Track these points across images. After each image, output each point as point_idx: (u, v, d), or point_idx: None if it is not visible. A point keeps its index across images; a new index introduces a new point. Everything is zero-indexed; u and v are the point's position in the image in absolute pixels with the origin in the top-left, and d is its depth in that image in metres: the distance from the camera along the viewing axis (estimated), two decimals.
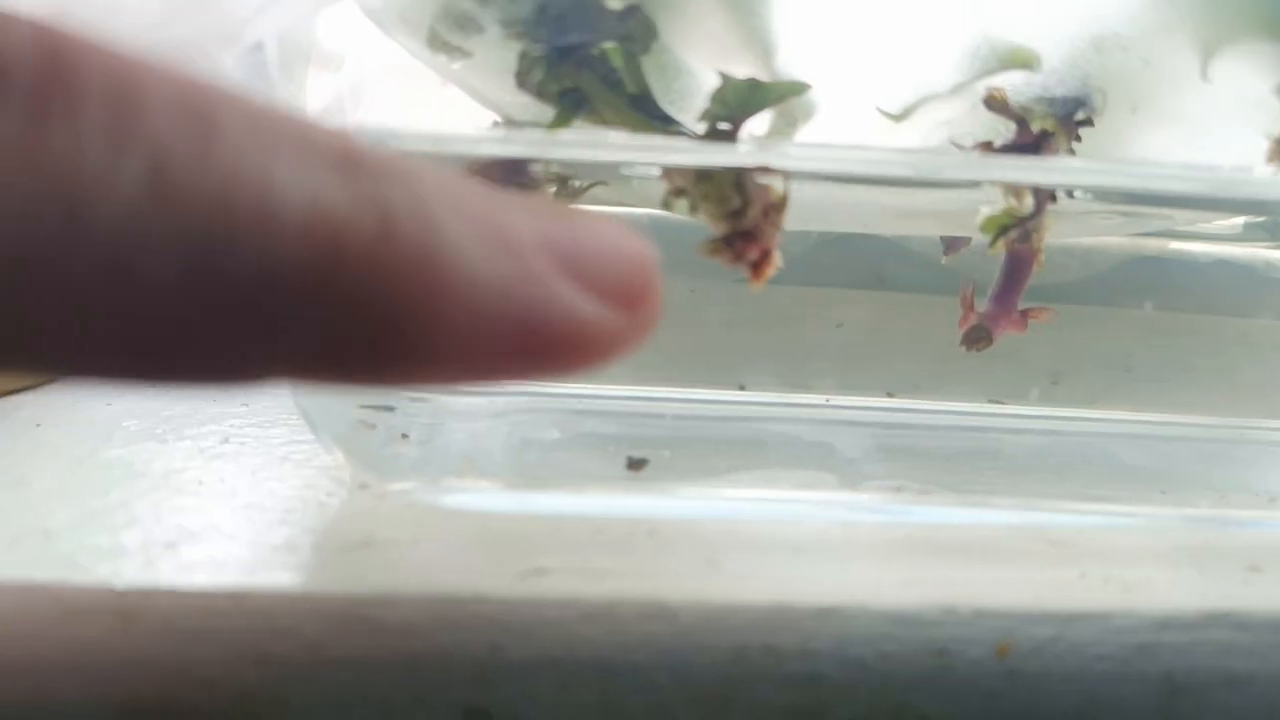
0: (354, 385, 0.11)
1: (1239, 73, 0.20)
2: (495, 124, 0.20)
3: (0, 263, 0.08)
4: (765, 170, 0.18)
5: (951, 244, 0.26)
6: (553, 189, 0.21)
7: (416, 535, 0.18)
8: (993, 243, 0.20)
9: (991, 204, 0.20)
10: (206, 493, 0.20)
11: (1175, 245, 0.28)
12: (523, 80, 0.18)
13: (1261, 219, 0.26)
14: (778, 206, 0.19)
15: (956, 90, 0.20)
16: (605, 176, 0.21)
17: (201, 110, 0.09)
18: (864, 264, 0.27)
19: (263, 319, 0.09)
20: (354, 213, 0.09)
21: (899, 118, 0.21)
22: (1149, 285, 0.27)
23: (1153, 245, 0.28)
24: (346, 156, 0.10)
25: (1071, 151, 0.21)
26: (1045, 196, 0.20)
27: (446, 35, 0.19)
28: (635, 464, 0.21)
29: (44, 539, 0.17)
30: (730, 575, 0.17)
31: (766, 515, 0.20)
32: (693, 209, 0.19)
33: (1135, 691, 0.17)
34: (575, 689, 0.16)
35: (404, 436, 0.21)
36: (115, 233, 0.09)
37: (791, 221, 0.20)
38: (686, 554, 0.18)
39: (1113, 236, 0.27)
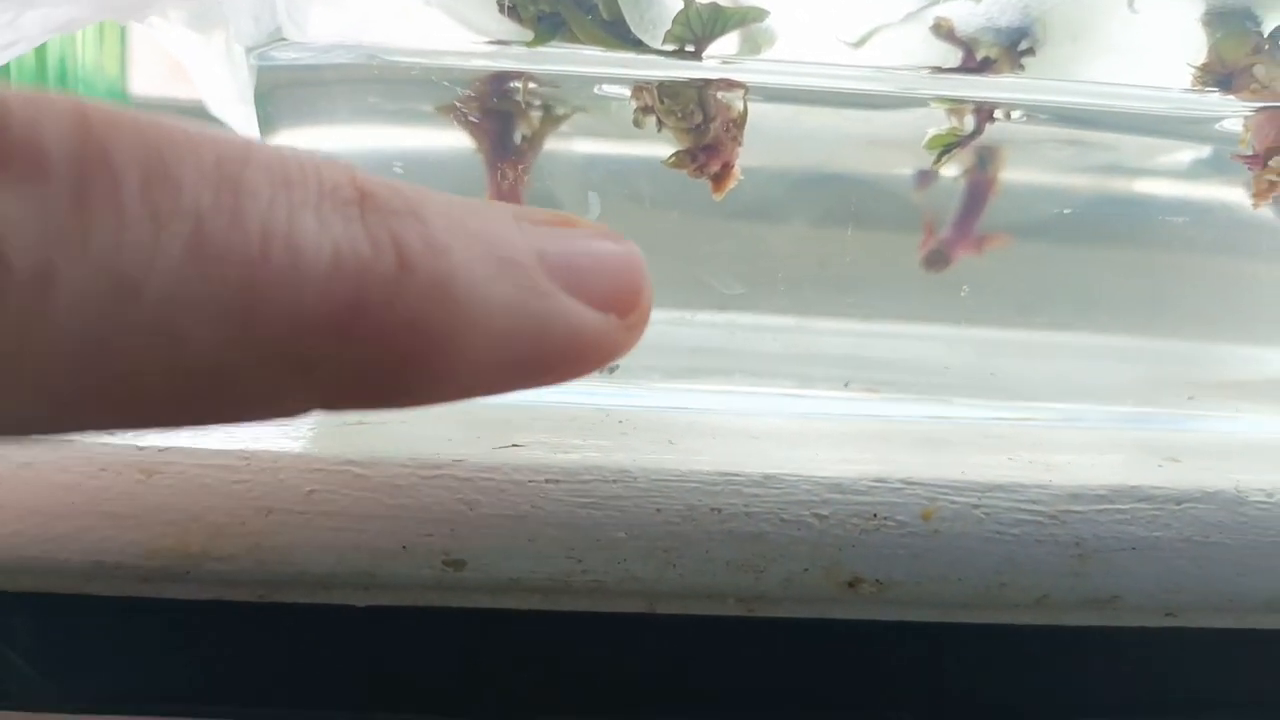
0: (385, 409, 0.11)
1: (1165, 4, 0.21)
2: (484, 42, 0.22)
3: (61, 341, 0.09)
4: (726, 85, 0.20)
5: (922, 179, 0.28)
6: (537, 115, 0.23)
7: (405, 416, 0.20)
8: (937, 159, 0.22)
9: (937, 126, 0.22)
10: None
11: (1137, 184, 0.30)
12: (503, 4, 0.20)
13: (1205, 154, 0.27)
14: (738, 122, 0.21)
15: (907, 19, 0.22)
16: (583, 101, 0.23)
17: (229, 172, 0.10)
18: (841, 202, 0.29)
19: (297, 362, 0.10)
20: (373, 253, 0.10)
21: (855, 45, 0.22)
22: (1112, 220, 0.29)
23: (1116, 184, 0.30)
24: (360, 195, 0.10)
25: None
26: (985, 116, 0.21)
27: None
28: (608, 368, 0.23)
29: None
30: (686, 451, 0.19)
31: (725, 407, 0.22)
32: (659, 125, 0.21)
33: (1049, 553, 0.18)
34: (542, 542, 0.18)
35: None
36: (160, 300, 0.09)
37: (763, 155, 0.22)
38: (649, 436, 0.20)
39: (1073, 174, 0.29)
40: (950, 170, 0.24)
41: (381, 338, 0.10)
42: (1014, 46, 0.22)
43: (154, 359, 0.09)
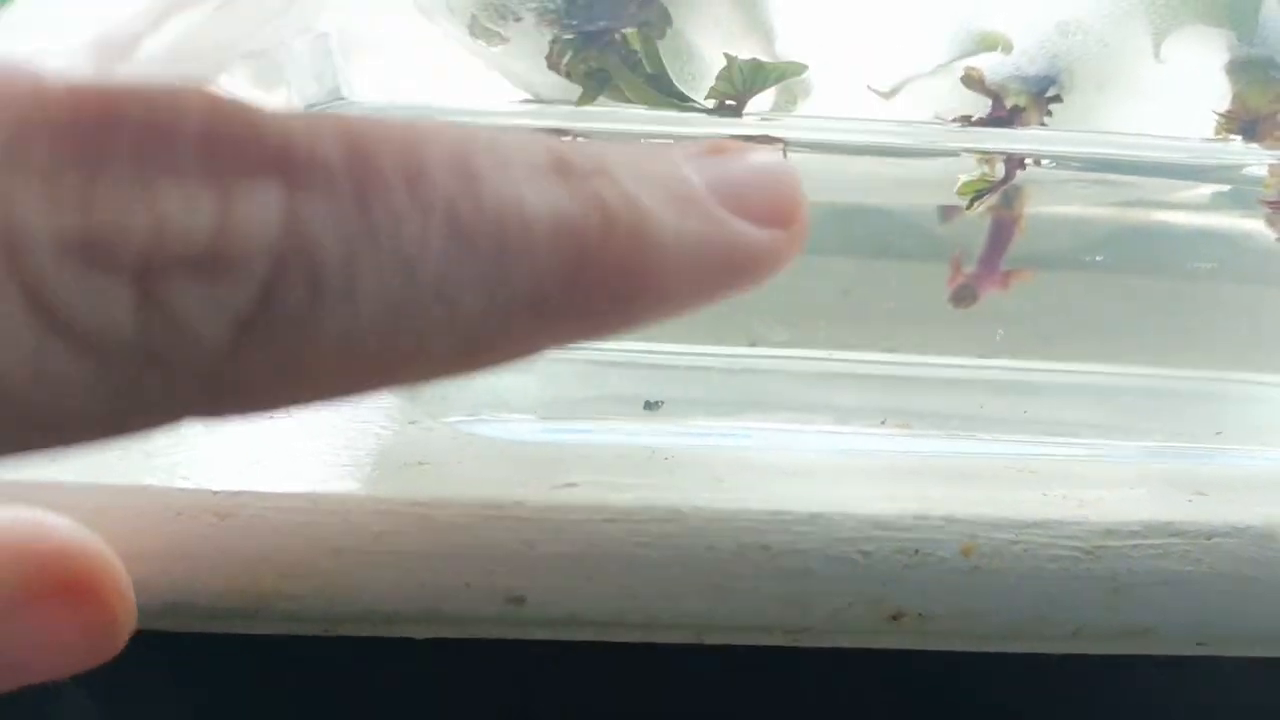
0: (604, 337, 0.13)
1: (1190, 54, 0.22)
2: (527, 100, 0.23)
3: (369, 319, 0.11)
4: (766, 140, 0.21)
5: (947, 213, 0.28)
6: None
7: (462, 458, 0.21)
8: (969, 205, 0.23)
9: (968, 172, 0.23)
10: (276, 427, 0.23)
11: (1159, 216, 0.31)
12: (553, 62, 0.21)
13: (1225, 188, 0.28)
14: None
15: (938, 70, 0.23)
16: None
17: (461, 161, 0.11)
18: (869, 234, 0.30)
19: (540, 312, 0.12)
20: (582, 213, 0.12)
21: (888, 95, 0.23)
22: (1135, 254, 0.29)
23: (1138, 216, 0.30)
24: (559, 161, 0.12)
25: (1043, 125, 0.23)
26: (1015, 164, 0.22)
27: (487, 23, 0.22)
28: (652, 405, 0.24)
29: (145, 456, 0.20)
30: (734, 489, 0.20)
31: (768, 445, 0.23)
32: None
33: (1085, 588, 0.19)
34: (599, 579, 0.18)
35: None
36: (436, 277, 0.11)
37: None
38: (697, 474, 0.21)
39: (1095, 207, 0.29)
40: (975, 207, 0.24)
41: (601, 284, 0.12)
42: (1041, 94, 0.23)
43: (436, 325, 0.11)
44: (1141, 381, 0.26)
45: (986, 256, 0.27)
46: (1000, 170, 0.22)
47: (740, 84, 0.21)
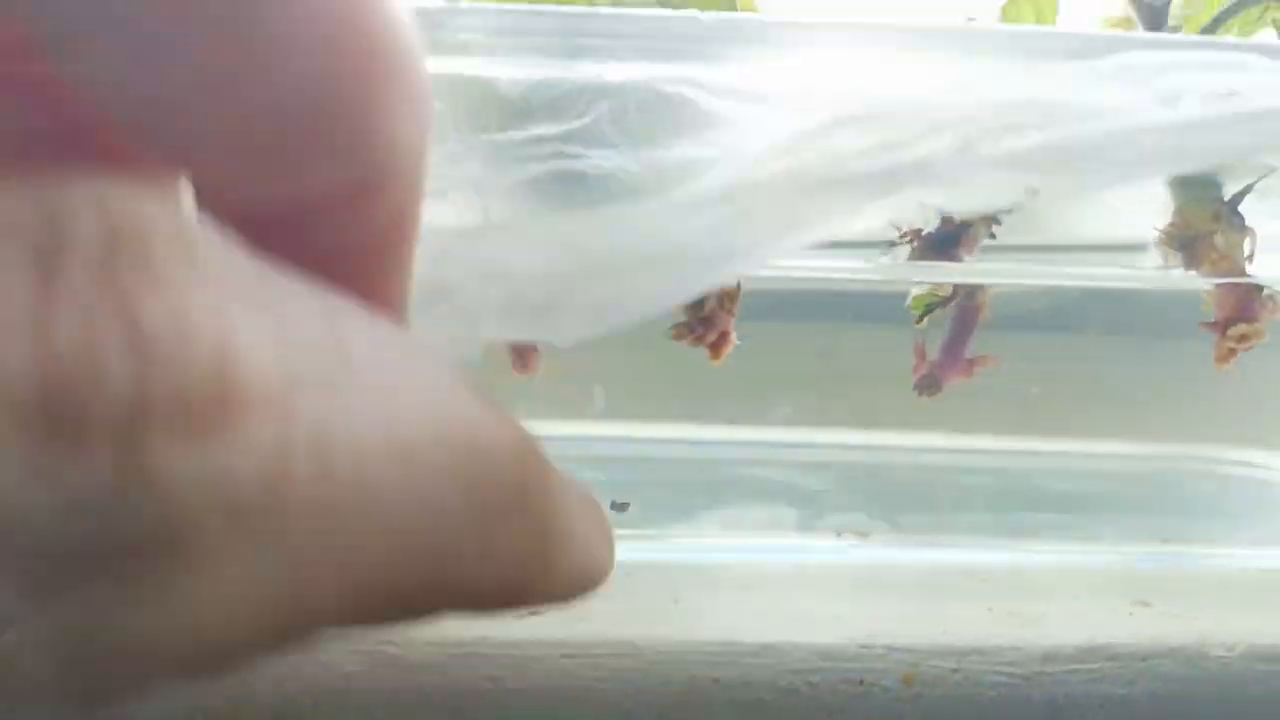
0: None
1: None
2: None
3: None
4: None
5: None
6: None
7: None
8: (919, 319, 0.23)
9: (919, 287, 0.23)
10: None
11: (1124, 284, 0.31)
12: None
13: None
14: (732, 296, 0.22)
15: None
16: None
17: None
18: (845, 303, 0.30)
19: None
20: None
21: None
22: (1099, 318, 0.30)
23: (1100, 283, 0.31)
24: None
25: (992, 235, 0.24)
26: (963, 287, 0.23)
27: None
28: (619, 506, 0.24)
29: None
30: (689, 612, 0.21)
31: (725, 555, 0.24)
32: None
33: (1023, 714, 0.20)
34: (560, 713, 0.19)
35: None
36: None
37: None
38: (655, 590, 0.22)
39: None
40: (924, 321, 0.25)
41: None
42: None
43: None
44: (1102, 464, 0.27)
45: (950, 345, 0.27)
46: (949, 289, 0.23)
47: None
